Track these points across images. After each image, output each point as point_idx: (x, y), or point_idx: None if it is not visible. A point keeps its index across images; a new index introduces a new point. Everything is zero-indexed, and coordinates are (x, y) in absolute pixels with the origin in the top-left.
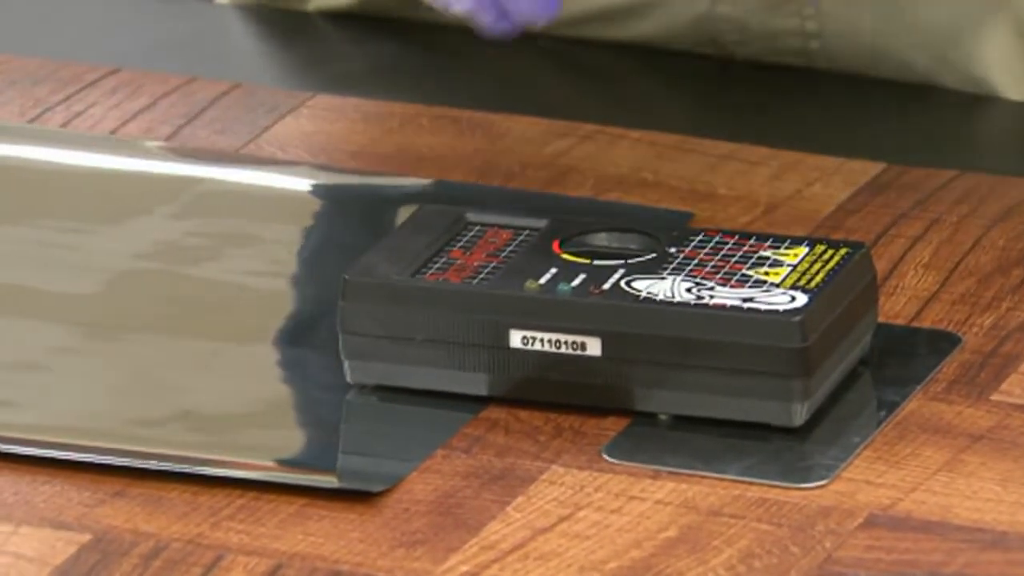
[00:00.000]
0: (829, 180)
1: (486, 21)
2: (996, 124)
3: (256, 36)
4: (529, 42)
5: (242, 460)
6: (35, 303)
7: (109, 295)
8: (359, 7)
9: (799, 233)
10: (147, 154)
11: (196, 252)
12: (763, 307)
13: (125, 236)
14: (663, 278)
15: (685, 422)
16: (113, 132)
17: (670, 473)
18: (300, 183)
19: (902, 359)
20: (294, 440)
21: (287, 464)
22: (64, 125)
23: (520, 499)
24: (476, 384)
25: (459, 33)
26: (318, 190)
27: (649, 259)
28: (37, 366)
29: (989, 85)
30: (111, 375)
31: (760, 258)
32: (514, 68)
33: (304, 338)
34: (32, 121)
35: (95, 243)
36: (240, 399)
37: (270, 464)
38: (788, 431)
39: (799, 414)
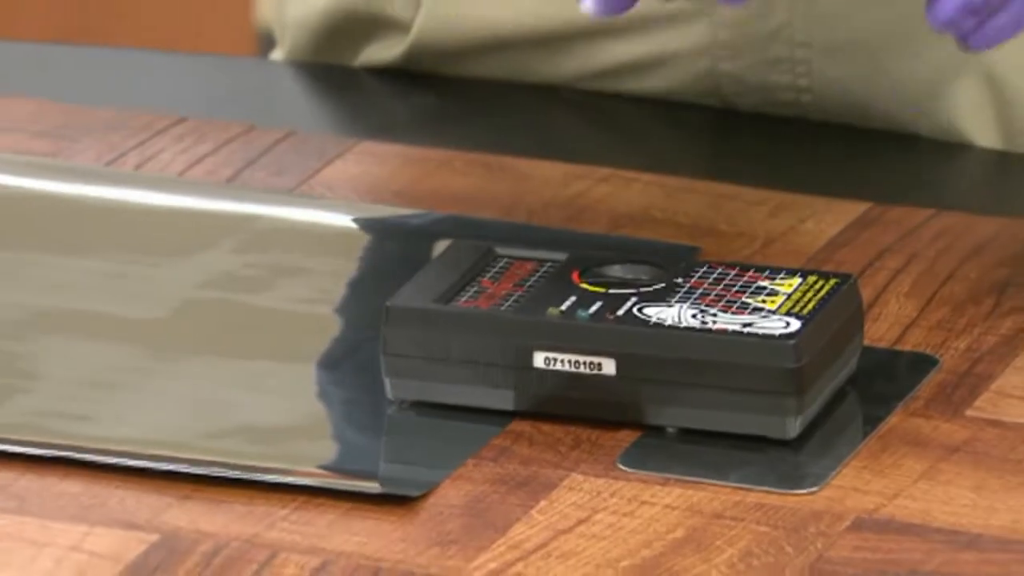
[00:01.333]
0: (820, 218)
1: None
2: (968, 168)
3: (308, 89)
4: (552, 93)
5: (294, 468)
6: (110, 327)
7: (175, 320)
8: (400, 63)
9: (793, 265)
10: (210, 194)
11: (252, 282)
12: (760, 331)
13: (190, 267)
14: (671, 305)
15: (691, 435)
16: (180, 174)
17: (677, 480)
18: (346, 220)
19: (885, 379)
20: (340, 450)
21: (334, 471)
22: (136, 168)
23: (543, 503)
24: (503, 400)
25: (489, 86)
26: (362, 226)
27: (659, 288)
28: (111, 384)
29: (961, 133)
30: (177, 392)
31: (758, 288)
32: (538, 117)
33: (349, 359)
34: (108, 164)
35: (163, 274)
36: (292, 414)
37: (319, 471)
38: (783, 443)
39: (793, 428)
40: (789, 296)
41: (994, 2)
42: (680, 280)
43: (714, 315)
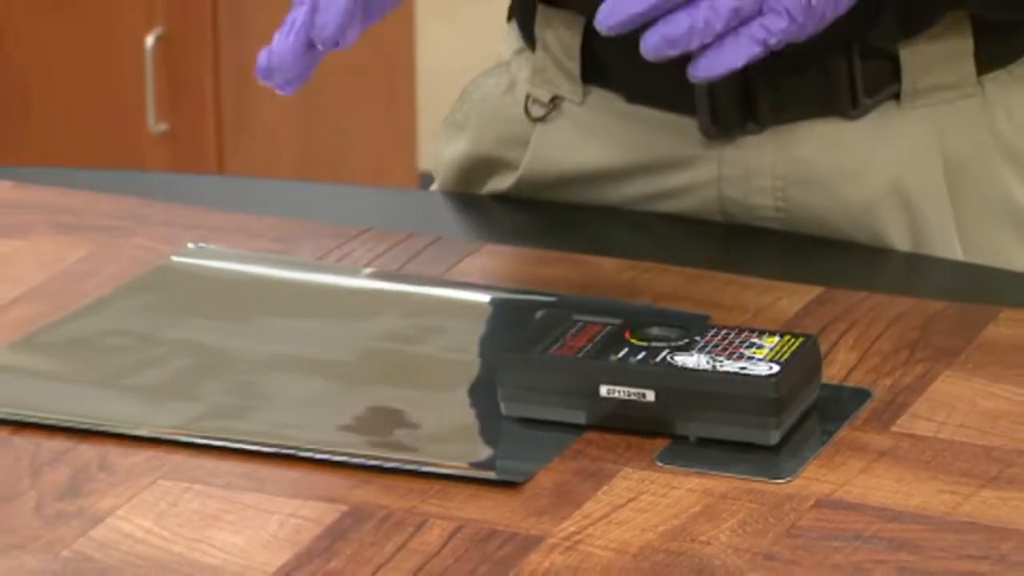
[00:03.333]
0: (791, 297)
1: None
2: (890, 264)
3: (451, 209)
4: (613, 212)
5: (439, 461)
6: (316, 366)
7: (359, 362)
8: (511, 192)
9: (773, 328)
10: (384, 278)
11: (412, 337)
12: (752, 372)
13: (370, 326)
14: (692, 354)
15: (705, 442)
16: (365, 265)
17: (696, 472)
18: (477, 296)
19: (836, 405)
20: (472, 450)
21: (466, 464)
22: (337, 261)
23: (605, 487)
24: (579, 417)
25: (571, 207)
26: (487, 300)
27: (684, 343)
28: (319, 404)
29: (885, 241)
30: (360, 412)
31: (750, 343)
32: (603, 228)
33: (479, 389)
34: (318, 259)
35: (352, 330)
36: (439, 426)
37: (455, 464)
38: (767, 448)
39: (774, 437)
40: (771, 349)
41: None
42: (698, 338)
43: (721, 361)
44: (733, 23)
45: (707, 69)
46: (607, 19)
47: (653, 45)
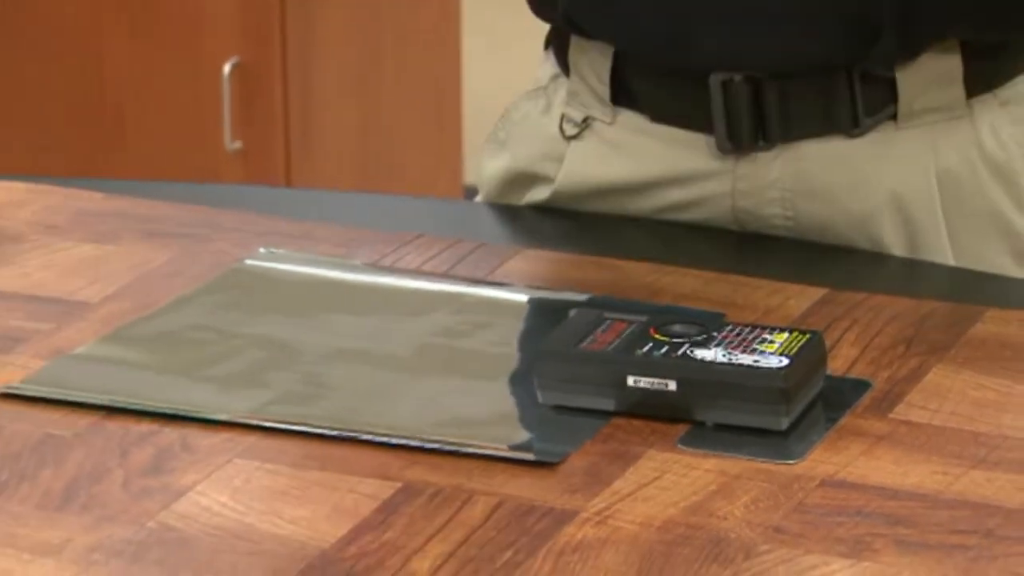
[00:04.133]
0: (799, 297)
1: None
2: (888, 268)
3: (494, 218)
4: (637, 222)
5: (484, 443)
6: (376, 359)
7: (415, 355)
8: (548, 203)
9: (782, 325)
10: (435, 280)
11: (462, 333)
12: (764, 365)
13: (424, 323)
14: (710, 349)
15: (721, 427)
16: (417, 268)
17: (713, 454)
18: (517, 296)
19: (839, 395)
20: (513, 433)
21: (507, 446)
22: (392, 264)
23: (632, 468)
24: (608, 405)
25: (600, 216)
26: (526, 300)
27: (702, 338)
28: (379, 393)
29: (884, 246)
30: (416, 398)
31: (762, 339)
32: (628, 236)
33: (517, 378)
34: (375, 262)
35: (408, 327)
36: (484, 411)
37: (498, 446)
38: (778, 433)
39: (784, 423)
40: (781, 344)
41: None
42: (715, 333)
43: (735, 354)
44: None
45: None
46: None
47: None
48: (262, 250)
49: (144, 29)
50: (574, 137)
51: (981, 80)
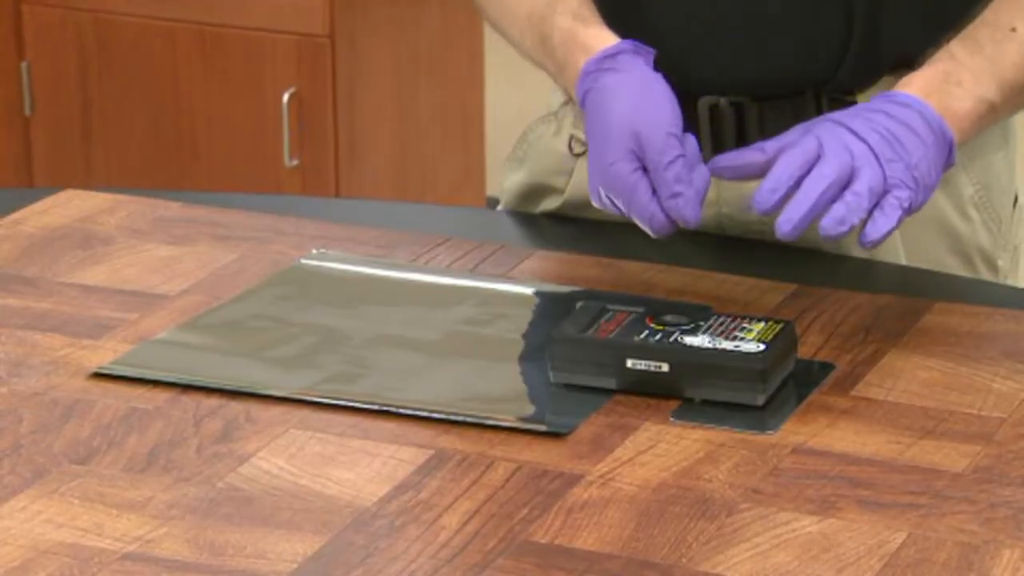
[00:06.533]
0: (773, 292)
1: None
2: (850, 267)
3: (512, 224)
4: (635, 227)
5: (503, 416)
6: (409, 344)
7: (443, 341)
8: (559, 211)
9: (760, 315)
10: (461, 276)
11: (483, 322)
12: (744, 350)
13: (451, 313)
14: (697, 336)
15: (708, 403)
16: (446, 266)
17: (701, 426)
18: (531, 290)
19: (807, 375)
20: (528, 408)
21: (523, 419)
22: (424, 263)
23: (631, 437)
24: (610, 384)
25: (603, 223)
26: (537, 294)
27: (692, 327)
28: (412, 373)
29: (847, 249)
30: (444, 378)
31: (742, 327)
32: (627, 239)
33: (532, 360)
34: (410, 261)
35: (437, 316)
36: (502, 388)
37: (515, 419)
38: (756, 407)
39: (761, 399)
40: (758, 332)
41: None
42: (702, 323)
43: (720, 341)
44: (874, 199)
45: (874, 233)
46: (788, 228)
47: (829, 228)
48: (315, 251)
49: (215, 64)
50: (581, 154)
51: None
